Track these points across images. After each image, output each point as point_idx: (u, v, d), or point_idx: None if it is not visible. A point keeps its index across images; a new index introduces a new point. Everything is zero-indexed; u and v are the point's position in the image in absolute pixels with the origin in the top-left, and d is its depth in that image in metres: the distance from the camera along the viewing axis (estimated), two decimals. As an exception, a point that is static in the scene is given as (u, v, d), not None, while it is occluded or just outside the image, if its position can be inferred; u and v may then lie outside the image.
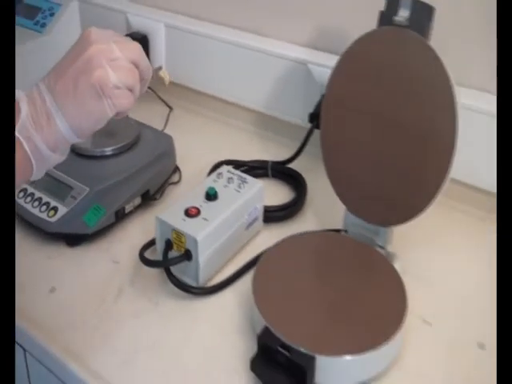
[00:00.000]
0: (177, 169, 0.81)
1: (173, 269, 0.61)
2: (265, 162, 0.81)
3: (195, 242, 0.59)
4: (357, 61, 0.61)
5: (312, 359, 0.49)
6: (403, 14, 0.57)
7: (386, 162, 0.61)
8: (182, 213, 0.62)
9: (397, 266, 0.60)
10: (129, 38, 0.46)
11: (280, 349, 0.50)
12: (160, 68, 0.54)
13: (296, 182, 0.79)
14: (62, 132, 0.43)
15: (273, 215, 0.72)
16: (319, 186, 0.72)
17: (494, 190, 0.72)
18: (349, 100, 0.63)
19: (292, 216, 0.73)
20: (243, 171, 0.72)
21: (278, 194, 0.77)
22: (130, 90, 0.44)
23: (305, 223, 0.72)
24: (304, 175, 0.78)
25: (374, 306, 0.55)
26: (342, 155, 0.65)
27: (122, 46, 0.44)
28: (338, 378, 0.51)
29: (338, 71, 0.63)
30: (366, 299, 0.56)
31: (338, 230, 0.67)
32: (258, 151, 0.86)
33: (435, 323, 0.58)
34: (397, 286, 0.57)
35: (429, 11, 0.56)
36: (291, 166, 0.81)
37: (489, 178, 0.72)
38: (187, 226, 0.60)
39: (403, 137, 0.59)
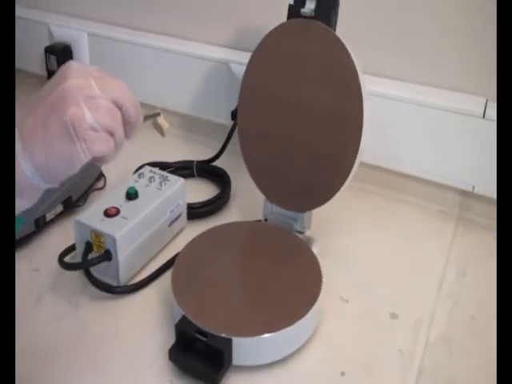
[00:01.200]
0: (102, 175, 0.80)
1: (94, 271, 0.60)
2: (190, 162, 0.82)
3: (114, 240, 0.59)
4: (268, 53, 0.63)
5: (228, 341, 0.50)
6: (310, 6, 0.59)
7: (299, 149, 0.63)
8: (101, 213, 0.62)
9: (315, 249, 0.62)
10: (112, 77, 0.40)
11: (197, 335, 0.50)
12: (158, 114, 0.48)
13: (221, 179, 0.79)
14: (25, 173, 0.37)
15: (197, 211, 0.73)
16: (243, 183, 0.73)
17: (409, 171, 0.75)
18: (262, 91, 0.64)
19: (216, 212, 0.74)
20: (169, 173, 0.72)
21: (204, 192, 0.78)
22: (111, 133, 0.39)
23: (229, 218, 0.73)
24: (229, 173, 0.79)
25: (291, 288, 0.56)
26: (257, 146, 0.66)
27: (103, 83, 0.38)
28: (257, 357, 0.52)
29: (251, 65, 0.65)
30: (284, 281, 0.57)
31: (259, 221, 0.68)
32: (184, 154, 0.86)
33: (352, 300, 0.60)
34: (313, 267, 0.58)
35: (333, 2, 0.59)
36: (216, 164, 0.82)
37: (405, 161, 0.75)
38: (106, 226, 0.60)
39: (314, 123, 0.61)
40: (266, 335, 0.51)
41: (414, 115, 0.72)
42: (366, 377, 0.52)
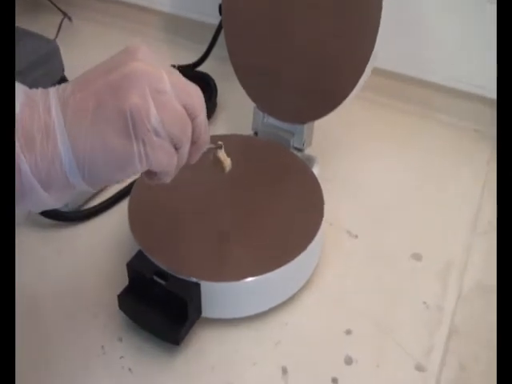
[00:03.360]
0: (64, 80, 0.67)
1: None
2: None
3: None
4: None
5: (196, 287, 0.38)
6: None
7: (298, 47, 0.50)
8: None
9: (316, 170, 0.50)
10: (187, 80, 0.32)
11: (155, 277, 0.38)
12: (220, 146, 0.37)
13: (205, 86, 0.67)
14: (61, 162, 0.29)
15: (173, 124, 0.60)
16: (233, 91, 0.61)
17: (437, 80, 0.63)
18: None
19: (199, 124, 0.61)
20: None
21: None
22: (176, 146, 0.31)
23: (214, 131, 0.60)
24: (216, 80, 0.67)
25: (284, 220, 0.45)
26: (247, 43, 0.54)
27: (176, 82, 0.30)
28: (235, 309, 0.41)
29: None
30: (276, 212, 0.45)
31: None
32: (168, 59, 0.73)
33: (362, 235, 0.50)
34: (313, 192, 0.47)
35: None
36: (201, 69, 0.69)
37: (432, 67, 0.63)
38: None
39: (316, 14, 0.48)
40: (249, 279, 0.40)
41: (445, 6, 0.58)
42: (379, 336, 0.42)
